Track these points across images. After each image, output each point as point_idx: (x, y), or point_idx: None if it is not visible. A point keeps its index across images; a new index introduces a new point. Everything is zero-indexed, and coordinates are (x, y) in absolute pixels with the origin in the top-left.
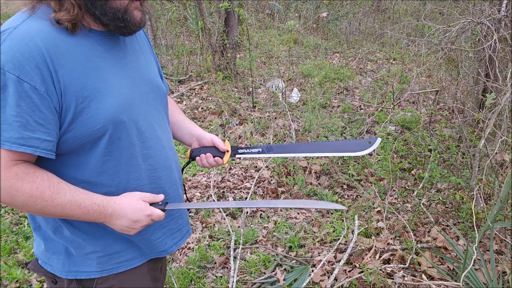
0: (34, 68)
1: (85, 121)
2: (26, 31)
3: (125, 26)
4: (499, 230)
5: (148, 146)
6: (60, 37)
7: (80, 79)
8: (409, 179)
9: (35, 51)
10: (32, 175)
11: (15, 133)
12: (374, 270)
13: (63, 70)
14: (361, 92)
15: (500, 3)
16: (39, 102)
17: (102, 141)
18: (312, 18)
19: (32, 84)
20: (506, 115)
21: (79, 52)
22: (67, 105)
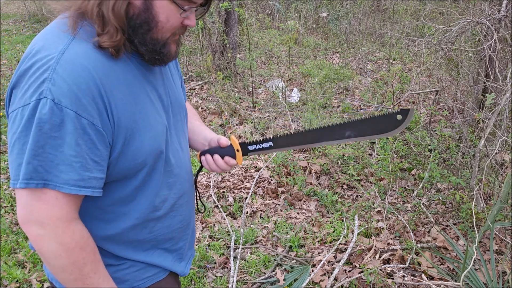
0: (91, 101)
1: (130, 154)
2: (76, 58)
3: (160, 59)
4: (499, 230)
5: (174, 174)
6: (107, 63)
7: (128, 110)
8: (409, 179)
9: (91, 81)
10: (86, 241)
11: (75, 174)
12: (374, 270)
13: (115, 100)
14: (361, 92)
15: (500, 3)
16: (95, 139)
17: (140, 173)
18: (312, 18)
19: (90, 120)
20: (506, 115)
21: (123, 79)
22: (117, 139)
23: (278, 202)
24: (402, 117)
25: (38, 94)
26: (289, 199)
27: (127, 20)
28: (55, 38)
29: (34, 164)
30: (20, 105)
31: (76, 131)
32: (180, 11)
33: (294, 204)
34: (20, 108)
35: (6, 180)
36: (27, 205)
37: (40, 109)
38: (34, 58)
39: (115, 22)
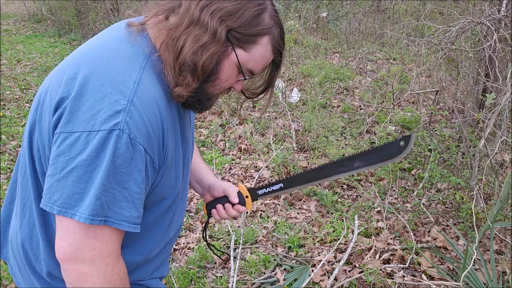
0: (156, 138)
1: (159, 189)
2: (149, 91)
3: (199, 108)
4: (499, 230)
5: (181, 208)
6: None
7: (172, 148)
8: (409, 179)
9: (159, 118)
10: (126, 277)
11: (135, 211)
12: (374, 270)
13: (167, 139)
14: (361, 92)
15: (500, 3)
16: (150, 176)
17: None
18: (312, 18)
19: (152, 157)
20: (506, 115)
21: (170, 116)
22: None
23: (278, 202)
24: (405, 143)
25: (113, 124)
26: (289, 199)
27: None
28: (126, 60)
29: (102, 200)
30: (85, 129)
31: (144, 168)
32: (240, 77)
33: (294, 204)
34: (86, 132)
35: (6, 180)
36: (78, 241)
37: (115, 141)
38: (105, 78)
39: (200, 73)
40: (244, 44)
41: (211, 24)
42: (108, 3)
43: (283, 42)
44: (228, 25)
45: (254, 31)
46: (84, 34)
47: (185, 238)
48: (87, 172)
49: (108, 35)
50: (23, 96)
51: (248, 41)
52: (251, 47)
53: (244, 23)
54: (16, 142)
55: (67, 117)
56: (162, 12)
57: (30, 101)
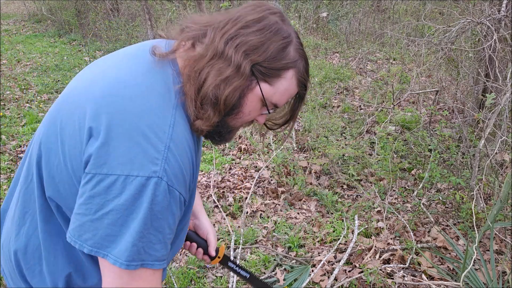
0: (188, 180)
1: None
2: (182, 134)
3: (218, 140)
4: (499, 230)
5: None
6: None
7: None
8: (409, 179)
9: (191, 160)
10: None
11: (165, 250)
12: (374, 270)
13: (195, 173)
14: (361, 92)
15: (500, 3)
16: (181, 214)
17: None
18: (312, 18)
19: (185, 197)
20: (506, 115)
21: (195, 152)
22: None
23: (278, 202)
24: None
25: (151, 172)
26: (289, 199)
27: None
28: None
29: (138, 246)
30: (123, 173)
31: (177, 211)
32: (263, 110)
33: (294, 204)
34: (123, 176)
35: (6, 180)
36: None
37: (153, 189)
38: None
39: (222, 107)
40: (268, 78)
41: (235, 58)
42: (108, 3)
43: (307, 75)
44: (253, 60)
45: (279, 65)
46: (84, 34)
47: None
48: (123, 216)
49: (137, 62)
50: (23, 96)
51: (273, 75)
52: (276, 81)
53: (269, 57)
54: (16, 142)
55: (103, 158)
56: (188, 38)
57: (30, 101)
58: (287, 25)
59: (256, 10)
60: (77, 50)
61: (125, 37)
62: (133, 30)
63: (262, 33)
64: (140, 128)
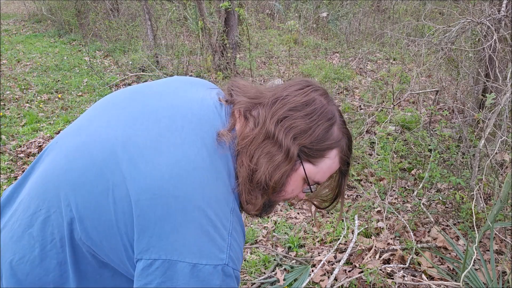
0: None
1: None
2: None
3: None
4: (499, 230)
5: None
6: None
7: None
8: (409, 179)
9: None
10: None
11: None
12: (374, 270)
13: None
14: (361, 92)
15: (500, 3)
16: None
17: None
18: (312, 18)
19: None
20: (506, 115)
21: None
22: None
23: None
24: None
25: (219, 260)
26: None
27: None
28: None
29: None
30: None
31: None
32: (305, 187)
33: (294, 204)
34: (191, 264)
35: (6, 180)
36: None
37: (222, 276)
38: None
39: (271, 192)
40: (313, 158)
41: (285, 143)
42: (108, 3)
43: (350, 152)
44: (300, 143)
45: (324, 147)
46: (84, 34)
47: None
48: None
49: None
50: (23, 96)
51: (317, 155)
52: (320, 161)
53: (315, 140)
54: (16, 142)
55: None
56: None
57: (30, 101)
58: (331, 104)
59: (303, 92)
60: (77, 50)
61: (125, 37)
62: (133, 30)
63: (310, 118)
64: (208, 216)
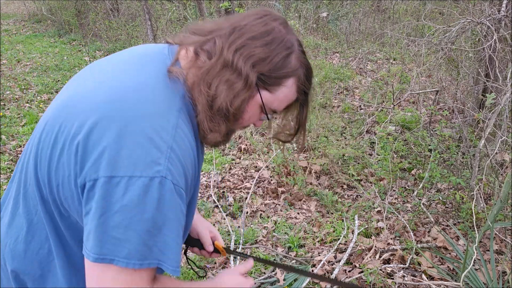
0: (189, 184)
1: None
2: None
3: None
4: (499, 230)
5: None
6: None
7: (195, 186)
8: (409, 179)
9: (194, 163)
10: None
11: (178, 256)
12: (374, 270)
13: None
14: (361, 92)
15: (500, 3)
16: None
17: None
18: (312, 18)
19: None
20: (506, 115)
21: (197, 155)
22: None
23: (278, 202)
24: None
25: (155, 171)
26: (289, 199)
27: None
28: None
29: (148, 245)
30: (125, 174)
31: (184, 209)
32: (262, 115)
33: (294, 204)
34: (126, 177)
35: (6, 180)
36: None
37: (158, 188)
38: (145, 123)
39: (232, 119)
40: (270, 86)
41: (245, 70)
42: (108, 3)
43: (309, 82)
44: (258, 71)
45: (280, 74)
46: (84, 34)
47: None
48: (127, 218)
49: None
50: (23, 96)
51: (274, 83)
52: (276, 89)
53: (273, 68)
54: (16, 142)
55: (107, 162)
56: (190, 44)
57: (30, 101)
58: (290, 33)
59: (262, 21)
60: (77, 50)
61: (125, 37)
62: (133, 30)
63: (269, 46)
64: (144, 130)
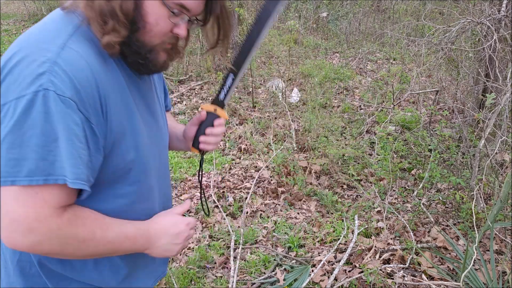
0: (89, 97)
1: (114, 161)
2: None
3: (144, 64)
4: (499, 230)
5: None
6: (103, 63)
7: (119, 114)
8: (409, 179)
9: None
10: (82, 217)
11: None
12: (374, 270)
13: (109, 102)
14: (361, 92)
15: (500, 3)
16: (89, 136)
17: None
18: (312, 18)
19: (86, 116)
20: (506, 115)
21: (116, 81)
22: (107, 142)
23: (278, 202)
24: None
25: (37, 86)
26: (289, 199)
27: None
28: (52, 32)
29: (45, 160)
30: (13, 97)
31: (81, 123)
32: (169, 14)
33: (294, 204)
34: (14, 100)
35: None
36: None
37: (42, 101)
38: (31, 48)
39: (122, 17)
40: None
41: None
42: None
43: None
44: None
45: None
46: None
47: None
48: (19, 136)
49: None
50: None
51: None
52: None
53: None
54: None
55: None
56: None
57: None
58: None
59: None
60: None
61: None
62: None
63: None
64: (29, 55)
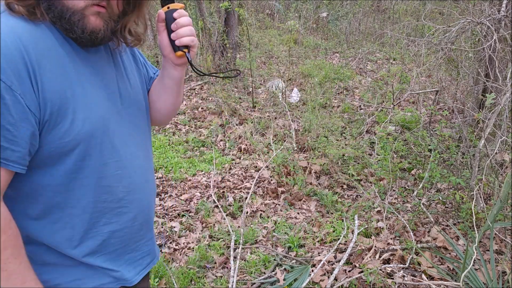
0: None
1: (58, 134)
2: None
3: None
4: (499, 230)
5: (122, 166)
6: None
7: (57, 84)
8: (409, 179)
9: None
10: (9, 223)
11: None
12: (374, 270)
13: (42, 70)
14: (361, 92)
15: (500, 3)
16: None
17: (70, 157)
18: (312, 18)
19: (8, 84)
20: (506, 115)
21: (58, 53)
22: (43, 112)
23: (278, 202)
24: None
25: None
26: (289, 199)
27: None
28: None
29: None
30: None
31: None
32: None
33: (294, 204)
34: None
35: None
36: None
37: None
38: None
39: None
40: None
41: None
42: None
43: None
44: None
45: None
46: None
47: (185, 238)
48: None
49: None
50: None
51: None
52: None
53: None
54: None
55: None
56: None
57: None
58: None
59: None
60: None
61: None
62: None
63: None
64: None
